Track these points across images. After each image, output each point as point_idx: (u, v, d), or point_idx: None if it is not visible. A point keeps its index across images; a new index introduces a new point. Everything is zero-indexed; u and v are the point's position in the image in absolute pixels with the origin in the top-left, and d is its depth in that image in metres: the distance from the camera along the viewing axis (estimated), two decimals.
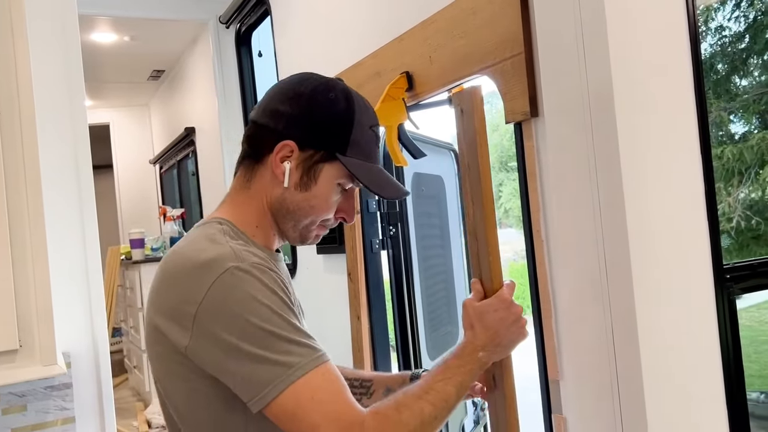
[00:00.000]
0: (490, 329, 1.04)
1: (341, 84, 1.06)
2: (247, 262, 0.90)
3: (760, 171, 4.90)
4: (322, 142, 1.00)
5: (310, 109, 1.01)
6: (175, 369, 0.93)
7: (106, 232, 5.43)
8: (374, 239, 2.18)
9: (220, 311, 0.88)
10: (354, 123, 1.01)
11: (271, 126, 1.02)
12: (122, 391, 4.91)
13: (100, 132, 5.77)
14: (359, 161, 1.02)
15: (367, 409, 0.90)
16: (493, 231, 1.11)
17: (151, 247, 4.31)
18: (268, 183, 1.03)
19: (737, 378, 1.16)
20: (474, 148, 1.10)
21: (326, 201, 1.03)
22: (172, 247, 1.01)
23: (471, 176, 1.12)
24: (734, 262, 1.18)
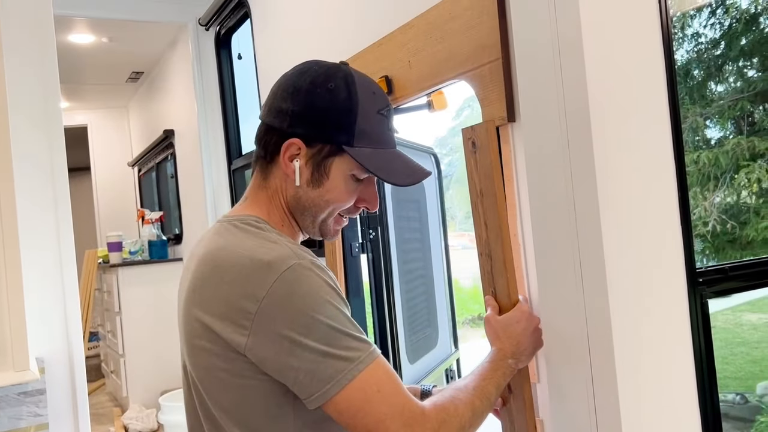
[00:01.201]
0: (515, 338, 1.15)
1: (343, 70, 1.03)
2: (307, 259, 0.91)
3: (735, 176, 4.98)
4: (327, 136, 0.99)
5: (311, 103, 0.99)
6: (225, 366, 0.91)
7: (83, 235, 5.37)
8: (354, 243, 2.18)
9: (283, 308, 0.87)
10: (358, 112, 0.99)
11: (276, 125, 1.02)
12: (99, 396, 4.85)
13: (78, 134, 5.70)
14: (369, 150, 1.00)
15: (425, 402, 0.93)
16: (509, 253, 1.25)
17: (129, 250, 4.26)
18: (283, 182, 1.02)
19: (710, 380, 1.17)
20: (491, 180, 1.24)
21: (342, 194, 1.02)
22: (214, 244, 0.97)
23: (485, 203, 1.26)
24: (707, 266, 1.19)
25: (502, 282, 1.25)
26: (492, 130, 1.25)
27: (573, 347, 1.14)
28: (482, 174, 1.27)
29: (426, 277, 2.79)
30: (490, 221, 1.26)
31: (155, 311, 4.13)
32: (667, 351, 1.13)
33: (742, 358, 6.59)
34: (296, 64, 1.10)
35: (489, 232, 1.27)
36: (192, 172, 3.82)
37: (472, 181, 1.30)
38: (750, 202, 5.15)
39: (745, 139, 4.93)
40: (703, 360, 1.14)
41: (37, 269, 1.58)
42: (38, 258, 1.59)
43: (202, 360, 0.94)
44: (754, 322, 7.35)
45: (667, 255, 1.13)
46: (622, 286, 1.07)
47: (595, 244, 1.08)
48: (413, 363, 2.45)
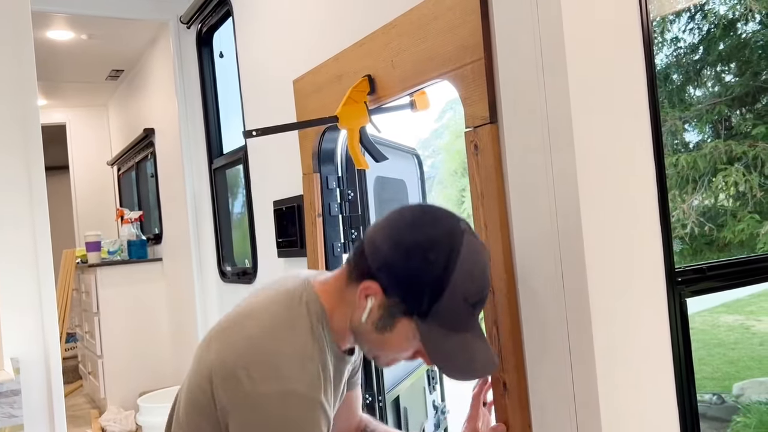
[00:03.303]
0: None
1: (452, 242, 0.99)
2: (311, 393, 0.96)
3: (713, 179, 5.06)
4: (405, 298, 0.99)
5: (405, 263, 0.98)
6: (203, 410, 0.99)
7: (62, 234, 5.30)
8: (336, 242, 2.17)
9: (252, 413, 0.94)
10: (444, 293, 0.97)
11: (368, 260, 1.02)
12: (76, 398, 4.78)
13: (56, 132, 5.62)
14: (438, 331, 1.00)
15: None
16: (508, 255, 1.26)
17: (108, 250, 4.21)
18: (356, 304, 1.03)
19: (688, 378, 1.19)
20: (492, 182, 1.27)
21: (400, 348, 1.05)
22: (264, 294, 1.07)
23: (485, 205, 1.29)
24: (685, 266, 1.21)
25: (501, 283, 1.25)
26: (494, 133, 1.26)
27: (553, 346, 1.14)
28: (483, 176, 1.29)
29: None
30: (490, 223, 1.28)
31: (134, 312, 4.09)
32: (646, 349, 1.14)
33: (719, 358, 6.68)
34: (422, 205, 1.13)
35: (489, 234, 1.29)
36: (172, 172, 3.79)
37: (473, 183, 1.33)
38: (727, 205, 5.23)
39: (723, 142, 5.00)
40: (682, 358, 1.16)
41: (13, 268, 1.55)
42: (13, 257, 1.56)
43: (191, 393, 1.03)
44: (730, 323, 7.46)
45: (646, 255, 1.14)
46: (602, 285, 1.08)
47: (576, 243, 1.08)
48: None
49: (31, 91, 1.63)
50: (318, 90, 1.95)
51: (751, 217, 4.85)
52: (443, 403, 2.83)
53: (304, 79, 2.04)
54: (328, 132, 1.98)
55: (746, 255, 4.13)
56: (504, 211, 1.28)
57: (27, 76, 1.62)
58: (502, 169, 1.28)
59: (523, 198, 1.22)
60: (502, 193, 1.28)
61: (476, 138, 1.32)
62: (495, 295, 1.31)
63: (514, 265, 1.25)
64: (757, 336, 6.97)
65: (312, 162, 2.07)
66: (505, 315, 1.28)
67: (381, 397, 2.21)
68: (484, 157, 1.30)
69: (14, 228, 1.56)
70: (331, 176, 2.12)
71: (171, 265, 4.05)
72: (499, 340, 1.31)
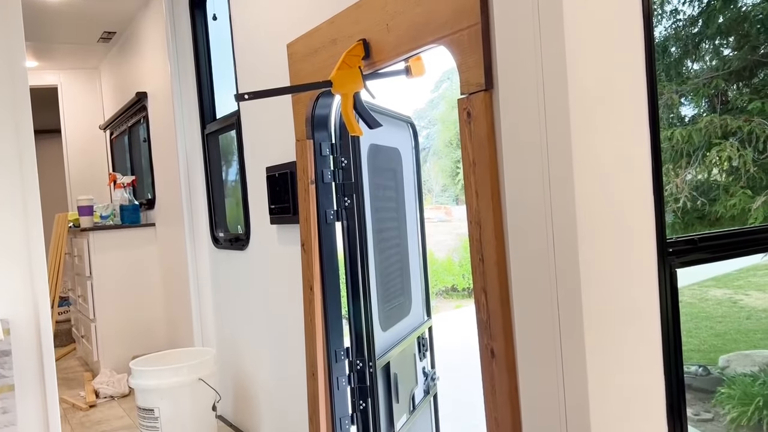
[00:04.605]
0: None
1: None
2: None
3: (707, 153, 5.05)
4: None
5: None
6: None
7: (54, 198, 5.28)
8: (329, 210, 2.16)
9: None
10: None
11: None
12: (70, 361, 4.81)
13: (48, 95, 5.55)
14: None
15: None
16: (499, 222, 1.27)
17: (101, 214, 4.19)
18: None
19: (675, 348, 1.20)
20: (484, 150, 1.26)
21: None
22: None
23: (477, 172, 1.28)
24: (677, 237, 1.21)
25: (491, 250, 1.25)
26: (488, 101, 1.25)
27: (542, 313, 1.15)
28: (476, 144, 1.28)
29: (401, 246, 2.79)
30: (482, 190, 1.29)
31: (127, 277, 4.09)
32: (635, 318, 1.15)
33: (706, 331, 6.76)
34: None
35: (480, 201, 1.29)
36: (165, 136, 3.75)
37: (465, 150, 1.32)
38: (720, 180, 5.24)
39: (718, 117, 4.99)
40: (670, 327, 1.17)
41: (1, 231, 1.54)
42: (2, 220, 1.55)
43: None
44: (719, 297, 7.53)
45: (638, 225, 1.14)
46: (593, 254, 1.08)
47: (568, 212, 1.08)
48: (386, 330, 2.46)
49: (19, 52, 1.60)
50: (312, 54, 1.92)
51: (743, 193, 4.87)
52: (433, 370, 2.86)
53: (298, 43, 2.01)
54: (321, 97, 1.96)
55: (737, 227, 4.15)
56: (496, 179, 1.27)
57: (14, 36, 1.58)
58: (495, 137, 1.27)
59: (515, 166, 1.21)
60: (494, 161, 1.27)
61: (469, 105, 1.30)
62: (484, 263, 1.31)
63: (504, 232, 1.25)
64: (744, 310, 7.05)
65: (305, 128, 2.05)
66: (494, 282, 1.29)
67: (371, 363, 2.23)
68: (477, 125, 1.29)
69: (2, 189, 1.54)
70: (324, 143, 2.10)
71: (164, 230, 4.04)
72: (487, 307, 1.31)
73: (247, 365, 2.95)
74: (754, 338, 6.57)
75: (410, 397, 2.59)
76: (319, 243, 2.16)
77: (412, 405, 2.60)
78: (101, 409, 3.59)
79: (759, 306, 7.31)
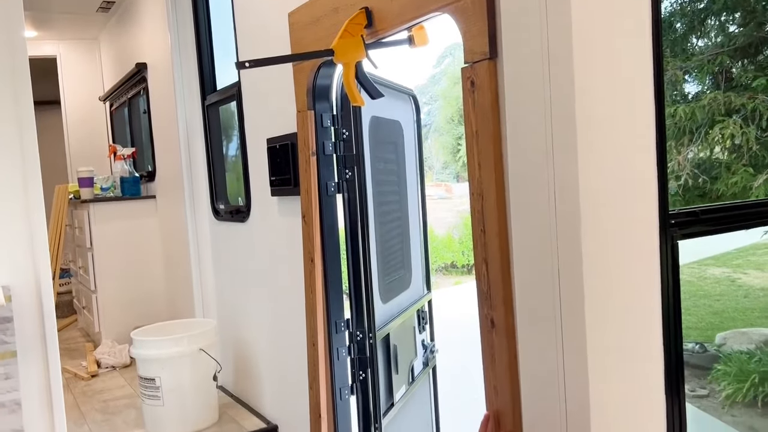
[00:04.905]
0: None
1: None
2: None
3: (709, 131, 5.03)
4: None
5: None
6: None
7: (54, 169, 5.25)
8: (330, 182, 2.16)
9: None
10: None
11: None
12: (71, 332, 4.84)
13: (47, 65, 5.50)
14: None
15: None
16: (501, 194, 1.25)
17: (101, 186, 4.19)
18: None
19: (675, 320, 1.20)
20: (487, 120, 1.24)
21: None
22: None
23: (480, 143, 1.27)
24: (679, 209, 1.21)
25: (492, 221, 1.25)
26: (492, 70, 1.24)
27: (542, 283, 1.15)
28: (479, 113, 1.27)
29: (401, 220, 2.79)
30: (484, 161, 1.27)
31: (127, 248, 4.10)
32: (636, 289, 1.15)
33: (704, 309, 6.80)
34: None
35: (482, 172, 1.28)
36: (165, 108, 3.73)
37: (468, 120, 1.31)
38: (722, 158, 5.23)
39: (722, 94, 4.96)
40: (670, 300, 1.17)
41: (1, 198, 1.54)
42: (2, 187, 1.54)
43: None
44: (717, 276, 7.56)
45: (641, 195, 1.14)
46: (595, 224, 1.08)
47: (571, 182, 1.08)
48: (386, 303, 2.48)
49: (18, 21, 1.58)
50: (314, 23, 1.90)
51: (745, 170, 4.86)
52: (432, 342, 2.88)
53: (299, 12, 1.99)
54: (323, 67, 1.94)
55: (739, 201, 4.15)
56: (499, 150, 1.26)
57: (13, 5, 1.56)
58: (499, 107, 1.26)
59: (519, 136, 1.20)
60: (498, 131, 1.26)
61: (473, 74, 1.29)
62: (486, 234, 1.31)
63: (506, 203, 1.25)
64: (742, 288, 7.09)
65: (306, 99, 2.03)
66: (495, 253, 1.29)
67: (371, 334, 2.25)
68: (481, 94, 1.28)
69: (2, 157, 1.54)
70: (325, 114, 2.09)
71: (164, 202, 4.04)
72: (488, 277, 1.32)
73: (247, 336, 2.97)
74: (751, 316, 6.62)
75: (409, 369, 2.61)
76: (320, 215, 2.16)
77: (411, 376, 2.62)
78: (103, 379, 3.62)
79: (757, 285, 7.34)
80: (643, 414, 1.20)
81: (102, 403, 3.20)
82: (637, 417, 1.18)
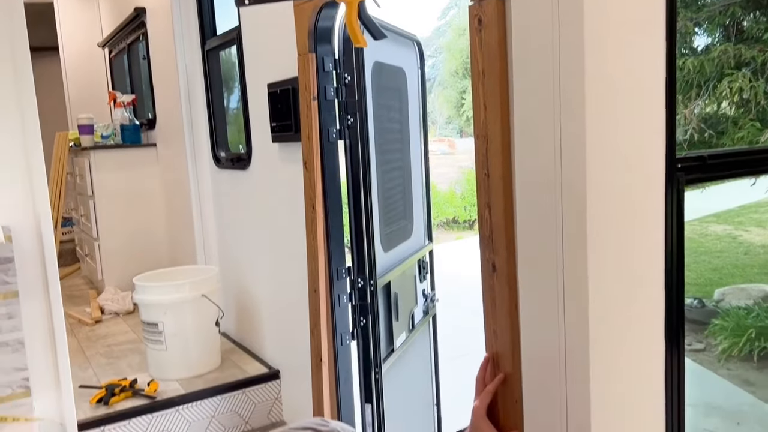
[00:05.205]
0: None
1: None
2: None
3: (717, 84, 4.95)
4: None
5: None
6: None
7: (54, 117, 5.21)
8: (331, 128, 2.13)
9: None
10: None
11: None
12: (75, 279, 4.89)
13: (44, 11, 5.39)
14: None
15: None
16: (507, 136, 1.22)
17: (101, 134, 4.15)
18: None
19: (678, 265, 1.19)
20: (495, 59, 1.20)
21: None
22: None
23: (486, 84, 1.23)
24: (686, 154, 1.19)
25: (496, 164, 1.23)
26: (500, 7, 1.19)
27: (545, 227, 1.14)
28: (486, 53, 1.24)
29: (403, 169, 2.77)
30: (490, 102, 1.24)
31: (129, 196, 4.09)
32: (639, 235, 1.14)
33: (703, 265, 6.83)
34: None
35: (488, 113, 1.25)
36: (164, 54, 3.66)
37: (474, 60, 1.27)
38: (729, 113, 5.16)
39: (732, 46, 4.86)
40: (674, 245, 1.16)
41: None
42: None
43: None
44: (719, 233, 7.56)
45: (648, 139, 1.11)
46: (601, 165, 1.06)
47: (578, 124, 1.05)
48: (387, 251, 2.48)
49: None
50: None
51: (752, 125, 4.80)
52: (432, 292, 2.90)
53: None
54: (325, 8, 1.89)
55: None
56: (505, 91, 1.23)
57: None
58: (506, 46, 1.22)
59: (526, 77, 1.17)
60: (505, 71, 1.23)
61: (480, 12, 1.25)
62: (490, 177, 1.29)
63: (511, 145, 1.23)
64: (743, 245, 7.11)
65: (308, 41, 1.99)
66: (498, 197, 1.27)
67: (372, 282, 2.26)
68: (488, 33, 1.24)
69: None
70: (327, 57, 2.04)
71: (165, 151, 4.01)
72: (491, 221, 1.31)
73: (249, 283, 2.98)
74: (750, 273, 6.65)
75: (410, 317, 2.63)
76: (321, 162, 2.14)
77: (412, 324, 2.65)
78: (107, 325, 3.67)
79: (758, 242, 7.35)
80: (643, 360, 1.20)
81: (106, 347, 3.24)
82: (636, 363, 1.19)
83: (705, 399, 4.18)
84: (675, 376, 1.24)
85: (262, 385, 2.71)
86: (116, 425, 2.38)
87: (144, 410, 2.45)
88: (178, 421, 2.50)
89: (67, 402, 1.60)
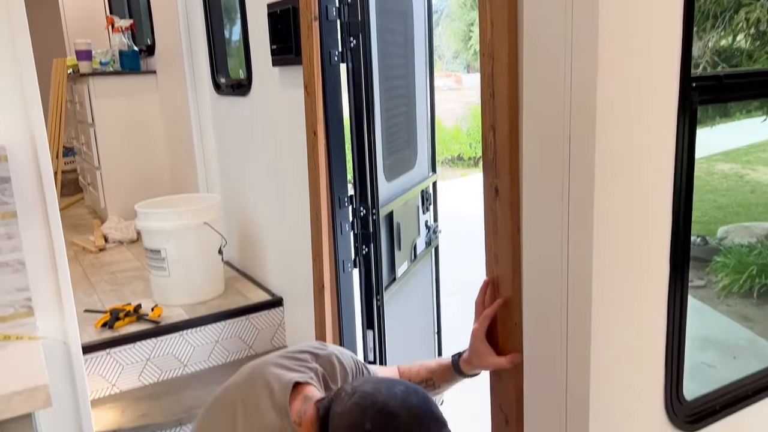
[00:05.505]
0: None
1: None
2: None
3: (735, 15, 4.78)
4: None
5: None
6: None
7: (51, 43, 5.08)
8: (333, 50, 2.06)
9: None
10: None
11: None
12: (78, 209, 4.89)
13: None
14: None
15: None
16: (513, 56, 1.17)
17: (100, 60, 4.06)
18: None
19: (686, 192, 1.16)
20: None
21: None
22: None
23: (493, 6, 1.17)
24: (701, 73, 1.14)
25: (503, 84, 1.18)
26: None
27: (551, 149, 1.11)
28: None
29: (408, 97, 2.71)
30: (497, 19, 1.18)
31: (130, 123, 4.04)
32: (649, 155, 1.10)
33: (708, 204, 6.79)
34: (396, 394, 1.11)
35: (494, 30, 1.19)
36: None
37: None
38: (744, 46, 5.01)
39: None
40: (684, 167, 1.13)
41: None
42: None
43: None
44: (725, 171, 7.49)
45: (663, 55, 1.06)
46: (613, 83, 1.02)
47: (589, 40, 1.00)
48: (390, 181, 2.45)
49: None
50: None
51: (767, 58, 4.67)
52: (435, 223, 2.89)
53: None
54: None
55: None
56: (514, 7, 1.17)
57: None
58: None
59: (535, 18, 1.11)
60: None
61: None
62: (495, 98, 1.25)
63: (519, 63, 1.18)
64: (749, 184, 7.05)
65: None
66: (504, 118, 1.23)
67: (375, 210, 2.24)
68: None
69: None
70: None
71: (164, 78, 3.93)
72: (495, 144, 1.27)
73: (251, 211, 2.97)
74: (755, 211, 6.62)
75: (412, 247, 2.63)
76: (323, 85, 2.08)
77: (414, 254, 2.65)
78: (111, 252, 3.69)
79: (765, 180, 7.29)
80: (646, 288, 1.19)
81: (110, 274, 3.27)
82: (639, 291, 1.18)
83: (703, 333, 4.23)
84: (678, 302, 1.23)
85: (266, 312, 2.73)
86: (122, 348, 2.42)
87: (148, 334, 2.48)
88: (182, 345, 2.54)
89: (70, 322, 1.61)
